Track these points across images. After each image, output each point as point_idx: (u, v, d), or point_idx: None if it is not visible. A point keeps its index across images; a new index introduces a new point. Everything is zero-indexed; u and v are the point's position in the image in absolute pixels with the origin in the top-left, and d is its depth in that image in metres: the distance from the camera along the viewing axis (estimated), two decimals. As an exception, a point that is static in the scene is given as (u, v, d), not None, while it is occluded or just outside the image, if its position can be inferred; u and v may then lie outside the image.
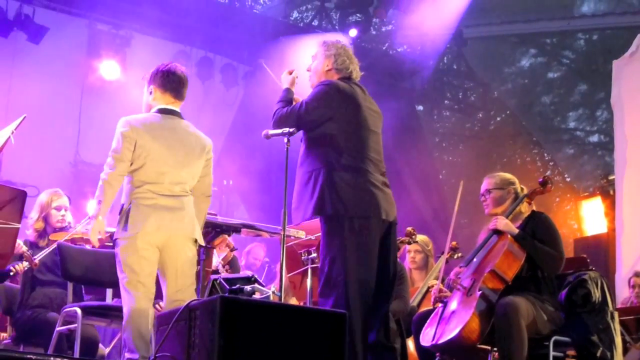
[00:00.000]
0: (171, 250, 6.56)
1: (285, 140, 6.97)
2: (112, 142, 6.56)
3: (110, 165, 6.45)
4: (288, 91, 7.19)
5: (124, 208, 6.50)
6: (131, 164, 6.53)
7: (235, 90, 15.59)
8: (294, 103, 7.05)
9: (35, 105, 9.79)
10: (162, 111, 6.76)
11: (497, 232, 7.41)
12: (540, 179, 7.61)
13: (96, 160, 6.61)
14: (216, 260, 8.44)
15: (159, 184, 6.57)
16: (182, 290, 6.59)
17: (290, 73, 7.33)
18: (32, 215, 8.59)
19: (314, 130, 6.94)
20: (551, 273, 7.29)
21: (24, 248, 8.22)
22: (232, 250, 9.35)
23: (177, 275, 6.59)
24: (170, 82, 6.85)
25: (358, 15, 17.04)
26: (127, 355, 6.37)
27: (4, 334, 8.75)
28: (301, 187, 6.93)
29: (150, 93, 6.86)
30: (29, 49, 14.15)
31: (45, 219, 8.57)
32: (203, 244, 6.94)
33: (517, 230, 7.24)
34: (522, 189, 7.66)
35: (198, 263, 7.47)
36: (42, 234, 8.52)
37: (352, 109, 6.91)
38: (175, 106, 6.86)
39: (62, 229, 8.56)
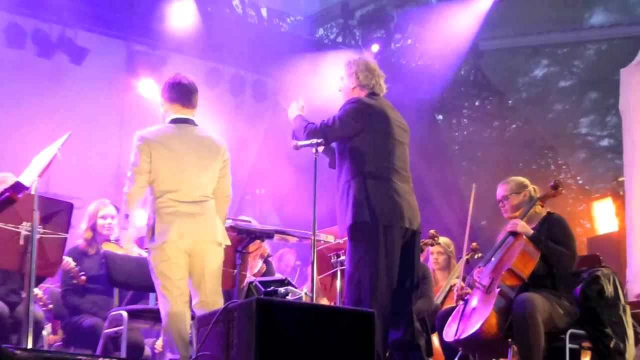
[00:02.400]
0: (198, 255, 6.66)
1: (314, 150, 7.09)
2: (130, 156, 6.65)
3: (131, 179, 6.59)
4: (301, 117, 7.29)
5: (150, 218, 6.56)
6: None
7: (265, 104, 15.61)
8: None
9: (79, 123, 9.85)
10: (174, 121, 6.87)
11: (513, 234, 7.45)
12: (552, 183, 7.71)
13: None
14: (249, 276, 8.47)
15: (178, 191, 6.64)
16: (215, 292, 6.73)
17: (298, 102, 7.46)
18: (82, 225, 8.69)
19: (343, 143, 7.01)
20: (564, 271, 7.34)
21: (72, 264, 8.30)
22: (265, 258, 9.38)
23: (207, 278, 6.70)
24: (177, 92, 6.96)
25: (380, 31, 17.06)
26: (169, 355, 6.45)
27: (55, 337, 8.81)
28: (339, 200, 7.02)
29: (162, 105, 6.98)
30: (71, 70, 14.19)
31: (93, 228, 8.66)
32: (229, 244, 6.95)
33: (532, 232, 7.26)
34: (534, 189, 7.73)
35: (234, 267, 7.55)
36: (91, 242, 8.63)
37: (379, 122, 7.00)
38: (186, 114, 6.93)
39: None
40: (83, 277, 8.31)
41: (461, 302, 7.72)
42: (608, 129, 19.41)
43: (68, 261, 8.24)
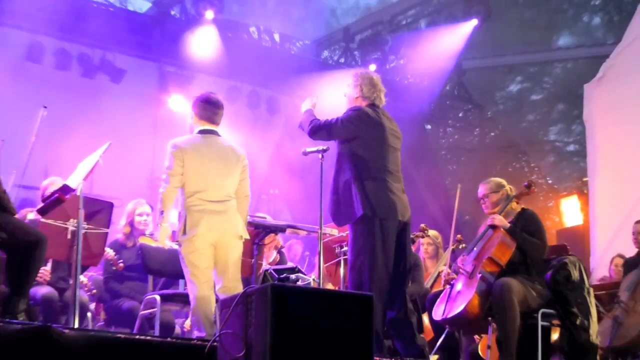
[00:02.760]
0: (222, 247, 6.72)
1: (320, 156, 7.26)
2: (165, 161, 6.73)
3: (166, 181, 6.65)
4: (310, 112, 7.31)
5: (181, 215, 6.61)
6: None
7: (278, 117, 15.64)
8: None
9: (118, 133, 9.87)
10: (202, 132, 6.94)
11: (493, 227, 7.48)
12: (525, 183, 7.83)
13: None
14: (265, 264, 8.50)
15: (205, 191, 6.70)
16: (236, 279, 6.83)
17: (312, 99, 7.50)
18: (121, 221, 8.74)
19: (343, 144, 7.05)
20: (536, 258, 7.37)
21: (112, 254, 8.35)
22: (279, 249, 9.41)
23: (229, 267, 6.78)
24: (206, 108, 7.03)
25: (376, 53, 17.09)
26: (196, 333, 6.51)
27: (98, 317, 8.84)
28: (338, 196, 7.02)
29: (192, 118, 7.06)
30: (110, 88, 14.27)
31: (131, 224, 8.70)
32: (248, 237, 7.02)
33: (509, 225, 7.29)
34: (511, 189, 7.75)
35: (252, 257, 7.64)
36: (129, 236, 8.68)
37: (376, 130, 7.03)
38: (213, 126, 7.01)
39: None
40: (121, 265, 8.36)
41: (448, 286, 7.75)
42: (573, 136, 19.40)
43: (109, 252, 8.29)
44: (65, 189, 6.70)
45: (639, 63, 13.07)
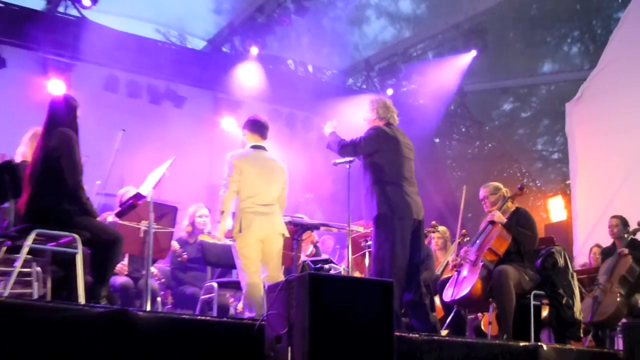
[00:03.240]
0: (269, 242, 6.77)
1: (347, 166, 7.33)
2: (224, 169, 6.79)
3: (226, 186, 6.69)
4: (335, 134, 7.39)
5: (237, 215, 6.67)
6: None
7: (311, 134, 15.63)
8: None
9: (180, 149, 9.89)
10: (254, 147, 7.01)
11: (492, 223, 7.47)
12: (519, 186, 7.86)
13: (221, 182, 6.79)
14: (303, 256, 8.53)
15: (257, 197, 6.74)
16: (278, 269, 6.92)
17: (332, 122, 7.57)
18: (184, 222, 8.80)
19: (366, 157, 7.08)
20: (529, 248, 7.36)
21: (177, 247, 8.42)
22: (314, 244, 9.41)
23: (274, 259, 6.85)
24: (257, 127, 7.11)
25: (392, 79, 17.08)
26: (247, 314, 6.53)
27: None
28: (364, 198, 7.09)
29: (244, 135, 7.10)
30: (174, 112, 14.35)
31: (192, 224, 8.77)
32: (287, 235, 7.07)
33: (505, 220, 7.28)
34: (506, 191, 7.77)
35: (292, 250, 7.69)
36: (191, 234, 8.75)
37: (392, 144, 7.06)
38: (262, 143, 7.06)
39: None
40: (185, 257, 8.48)
41: (455, 272, 7.75)
42: (557, 146, 19.34)
43: (175, 245, 8.39)
44: (138, 196, 6.73)
45: (611, 85, 13.05)
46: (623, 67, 12.91)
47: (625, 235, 8.86)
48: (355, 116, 8.09)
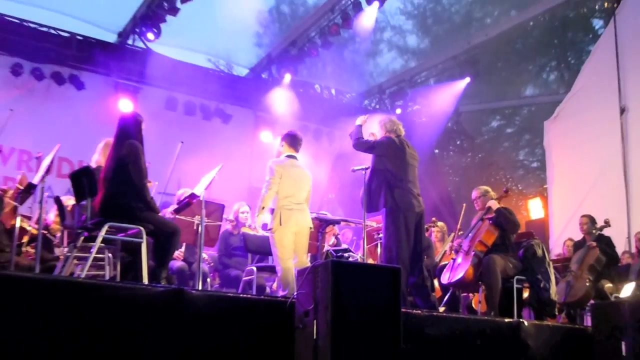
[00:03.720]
0: (300, 235, 6.84)
1: (363, 172, 7.28)
2: (266, 173, 6.86)
3: (267, 187, 6.76)
4: (359, 127, 7.48)
5: (275, 212, 6.72)
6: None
7: (334, 146, 15.63)
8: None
9: (227, 157, 9.84)
10: (288, 156, 7.06)
11: (481, 219, 7.48)
12: (504, 189, 7.97)
13: (260, 185, 6.80)
14: (326, 246, 8.57)
15: (292, 197, 6.81)
16: (305, 256, 7.02)
17: (364, 116, 7.70)
18: (229, 217, 8.82)
19: (376, 162, 7.18)
20: (513, 232, 7.50)
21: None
22: (336, 236, 9.41)
23: (303, 248, 6.92)
24: (294, 141, 7.17)
25: (400, 101, 17.09)
26: (281, 292, 6.56)
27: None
28: (369, 194, 7.16)
29: (282, 146, 7.16)
30: (222, 127, 14.46)
31: (236, 218, 8.78)
32: (312, 228, 7.14)
33: (499, 206, 7.56)
34: (494, 194, 7.81)
35: (317, 241, 7.76)
36: (235, 227, 8.75)
37: (399, 152, 7.15)
38: (294, 153, 7.12)
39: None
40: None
41: (451, 260, 7.75)
42: (536, 157, 19.16)
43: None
44: (193, 196, 6.79)
45: (582, 106, 13.12)
46: (592, 92, 12.95)
47: (594, 231, 8.85)
48: (369, 129, 8.12)
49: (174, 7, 12.87)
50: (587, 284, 8.29)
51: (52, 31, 13.17)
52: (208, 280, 8.20)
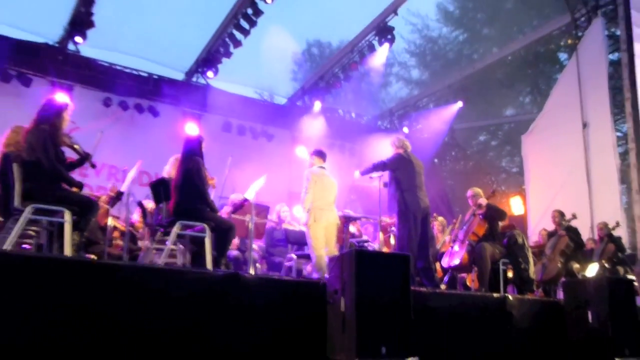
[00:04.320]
0: (330, 229, 6.83)
1: (378, 179, 7.28)
2: (304, 180, 6.86)
3: (306, 191, 6.75)
4: (363, 170, 7.39)
5: (311, 211, 6.67)
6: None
7: (356, 158, 15.57)
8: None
9: (272, 169, 9.86)
10: (319, 167, 7.04)
11: (473, 215, 7.43)
12: (491, 190, 7.90)
13: (298, 190, 6.83)
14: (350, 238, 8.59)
15: (323, 199, 6.80)
16: (333, 246, 6.92)
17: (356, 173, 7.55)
18: (273, 216, 8.83)
19: (390, 175, 7.07)
20: (502, 219, 7.47)
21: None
22: (358, 229, 9.39)
23: (332, 240, 6.87)
24: (321, 155, 7.17)
25: (406, 122, 17.04)
26: (315, 275, 6.54)
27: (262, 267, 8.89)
28: (390, 199, 7.06)
29: (313, 159, 7.15)
30: (266, 144, 14.69)
31: (278, 217, 8.77)
32: (339, 224, 7.19)
33: (488, 202, 7.52)
34: (483, 194, 7.72)
35: (343, 233, 7.69)
36: (278, 223, 8.74)
37: (407, 164, 7.08)
38: (323, 164, 7.09)
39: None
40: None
41: (450, 247, 7.71)
42: (516, 164, 19.01)
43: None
44: (245, 200, 6.82)
45: (551, 123, 13.07)
46: (559, 111, 13.01)
47: (563, 223, 8.75)
48: (382, 144, 8.09)
49: (228, 51, 12.99)
50: (559, 265, 8.21)
51: (134, 72, 13.33)
52: (257, 265, 8.21)
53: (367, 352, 4.18)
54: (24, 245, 5.62)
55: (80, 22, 11.63)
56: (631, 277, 8.17)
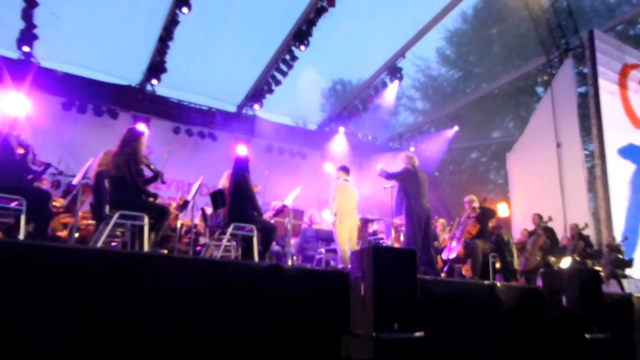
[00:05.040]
0: (352, 229, 6.73)
1: (391, 188, 7.13)
2: (331, 190, 6.79)
3: (333, 199, 6.66)
4: (383, 169, 7.24)
5: (338, 214, 6.63)
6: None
7: (371, 171, 15.30)
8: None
9: (303, 181, 9.85)
10: (344, 180, 6.91)
11: (468, 217, 7.34)
12: (483, 198, 7.72)
13: (326, 197, 6.85)
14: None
15: (347, 205, 6.71)
16: (355, 243, 6.86)
17: (381, 165, 7.43)
18: (305, 218, 8.76)
19: (399, 185, 6.99)
20: (492, 217, 7.39)
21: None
22: (374, 229, 9.33)
23: (354, 238, 6.78)
24: (346, 170, 7.07)
25: (413, 143, 16.92)
26: (340, 266, 6.50)
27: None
28: (398, 205, 6.95)
29: (339, 173, 7.06)
30: (301, 162, 14.62)
31: (310, 219, 8.73)
32: (360, 225, 7.10)
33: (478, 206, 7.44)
34: (477, 200, 7.61)
35: (362, 232, 7.61)
36: (310, 224, 8.68)
37: (413, 177, 6.98)
38: (347, 178, 6.99)
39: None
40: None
41: (448, 243, 7.61)
42: (502, 176, 18.66)
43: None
44: (284, 206, 6.84)
45: (531, 143, 12.97)
46: (537, 134, 12.96)
47: (541, 224, 8.62)
48: (392, 160, 8.04)
49: (271, 89, 13.12)
50: (538, 259, 8.07)
51: (198, 106, 13.55)
52: (294, 258, 8.20)
53: (383, 328, 4.16)
54: (112, 244, 5.73)
55: (156, 68, 11.89)
56: (598, 268, 7.99)
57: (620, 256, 9.27)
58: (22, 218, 4.44)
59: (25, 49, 10.76)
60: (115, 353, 3.70)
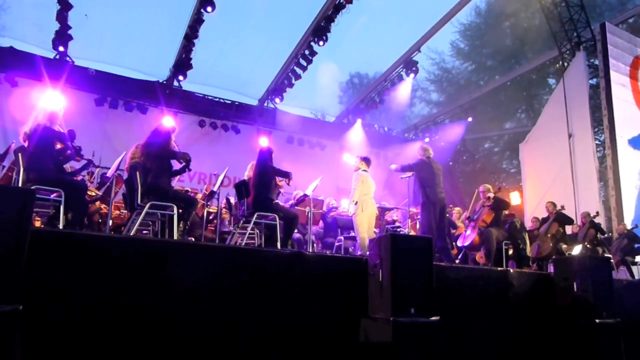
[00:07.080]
0: (371, 217, 6.62)
1: (407, 178, 7.09)
2: (353, 180, 6.66)
3: (355, 188, 6.57)
4: (397, 167, 7.16)
5: (359, 203, 6.53)
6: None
7: (388, 162, 15.31)
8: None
9: (323, 171, 9.88)
10: (364, 170, 6.79)
11: (483, 206, 7.28)
12: (497, 187, 7.62)
13: (345, 187, 6.86)
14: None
15: (367, 194, 6.60)
16: (373, 231, 6.70)
17: (393, 166, 7.36)
18: (324, 208, 8.72)
19: (415, 175, 6.91)
20: (507, 208, 7.25)
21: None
22: (392, 217, 9.30)
23: (372, 225, 6.66)
24: (367, 161, 6.94)
25: (427, 134, 16.79)
26: (359, 253, 6.47)
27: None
28: (415, 194, 6.89)
29: (359, 163, 6.90)
30: (320, 153, 14.67)
31: (328, 207, 8.69)
32: (378, 213, 6.98)
33: (494, 195, 7.31)
34: (492, 189, 7.52)
35: (380, 220, 7.56)
36: (328, 212, 8.62)
37: (428, 167, 6.91)
38: (367, 168, 6.87)
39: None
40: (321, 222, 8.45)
41: (464, 231, 7.56)
42: (515, 166, 18.40)
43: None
44: (305, 195, 6.85)
45: (543, 134, 12.80)
46: (549, 124, 12.72)
47: (555, 212, 8.51)
48: (409, 151, 7.97)
49: (291, 83, 13.12)
50: (550, 245, 7.97)
51: (222, 100, 13.61)
52: (314, 245, 8.23)
53: (400, 312, 4.17)
54: (144, 232, 5.82)
55: (182, 64, 11.97)
56: (608, 255, 7.88)
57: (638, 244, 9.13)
58: (61, 208, 4.53)
59: (61, 48, 10.94)
60: (147, 336, 3.78)
